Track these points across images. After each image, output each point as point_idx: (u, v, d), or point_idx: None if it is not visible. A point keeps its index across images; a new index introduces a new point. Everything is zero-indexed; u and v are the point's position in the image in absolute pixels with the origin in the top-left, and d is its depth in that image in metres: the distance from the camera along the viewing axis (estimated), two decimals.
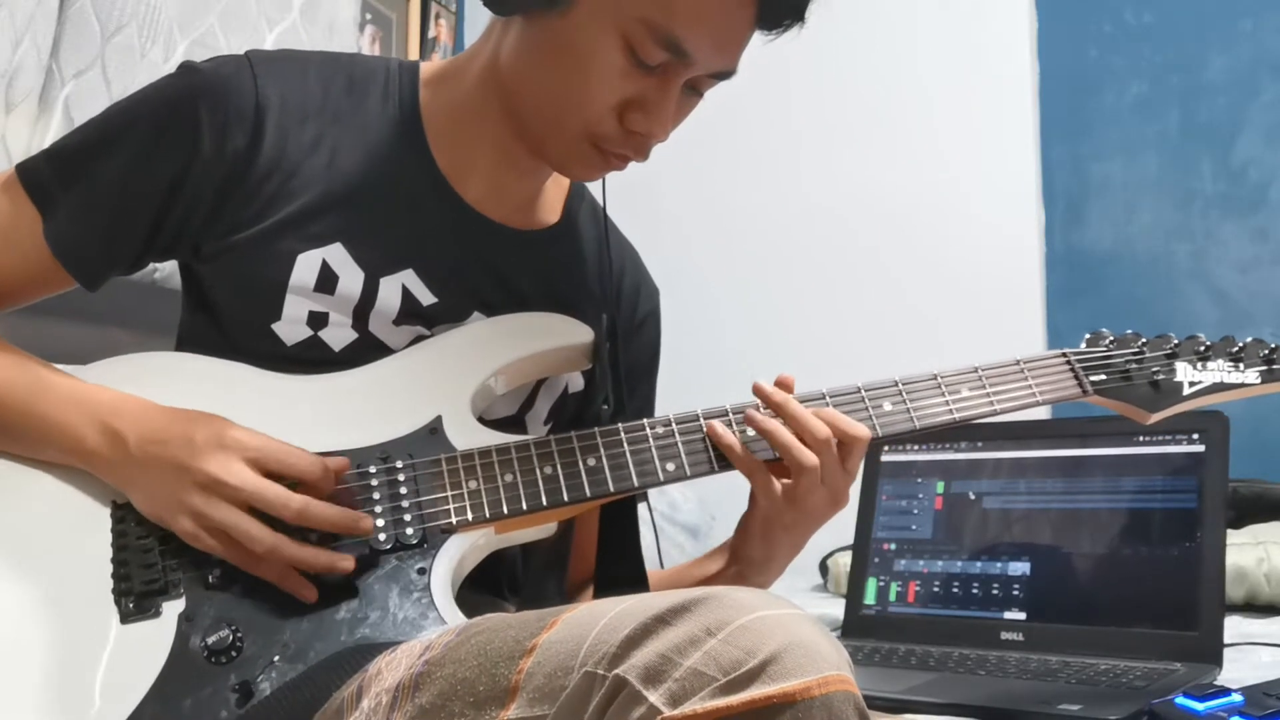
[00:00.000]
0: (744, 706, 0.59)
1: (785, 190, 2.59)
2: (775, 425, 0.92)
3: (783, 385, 0.95)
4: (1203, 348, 1.06)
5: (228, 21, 1.85)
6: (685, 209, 2.67)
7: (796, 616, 0.64)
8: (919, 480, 1.45)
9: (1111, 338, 1.06)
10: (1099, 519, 1.31)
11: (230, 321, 0.97)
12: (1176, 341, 1.06)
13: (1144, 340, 1.06)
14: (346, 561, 0.84)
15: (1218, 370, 1.05)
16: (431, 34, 2.68)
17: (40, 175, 0.96)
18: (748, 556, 1.02)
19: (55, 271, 0.96)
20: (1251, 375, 1.05)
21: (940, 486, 1.43)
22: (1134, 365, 1.04)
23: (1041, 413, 2.27)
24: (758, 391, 0.95)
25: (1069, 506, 1.34)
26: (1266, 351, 1.05)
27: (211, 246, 0.95)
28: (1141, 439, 1.32)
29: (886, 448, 1.48)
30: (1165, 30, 2.38)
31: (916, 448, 1.47)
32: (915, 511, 1.43)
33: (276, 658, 0.82)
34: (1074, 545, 1.32)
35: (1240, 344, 1.06)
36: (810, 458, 0.91)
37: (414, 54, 2.57)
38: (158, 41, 1.71)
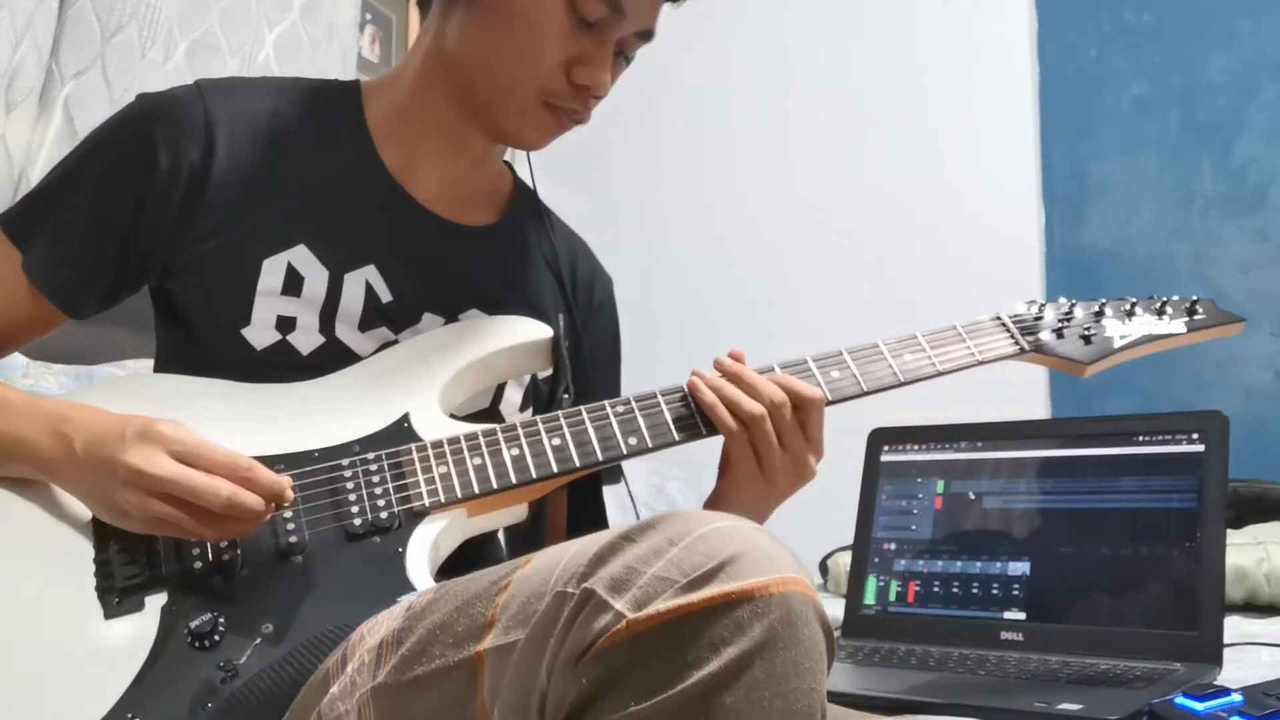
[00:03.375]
0: (704, 603, 0.61)
1: (785, 190, 2.59)
2: (721, 382, 0.99)
3: (734, 358, 1.01)
4: (1129, 305, 1.13)
5: (228, 21, 1.85)
6: (685, 209, 2.67)
7: (755, 528, 0.67)
8: (919, 480, 1.45)
9: (1042, 302, 1.15)
10: (1099, 519, 1.31)
11: (202, 332, 1.01)
12: (1104, 301, 1.14)
13: (1073, 302, 1.13)
14: (285, 489, 0.85)
15: (1144, 323, 1.12)
16: None
17: (17, 218, 1.01)
18: None
19: (39, 306, 1.00)
20: (1178, 325, 1.12)
21: (940, 486, 1.43)
22: (1064, 324, 1.11)
23: (1041, 412, 2.28)
24: (717, 364, 1.01)
25: (1069, 506, 1.34)
26: (1189, 304, 1.13)
27: (179, 260, 1.00)
28: (1141, 439, 1.32)
29: (886, 447, 1.48)
30: (1165, 30, 2.38)
31: (916, 447, 1.47)
32: (915, 511, 1.43)
33: (259, 640, 0.84)
34: (1074, 545, 1.31)
35: (1164, 299, 1.14)
36: (755, 406, 0.96)
37: None
38: (158, 41, 1.72)
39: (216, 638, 0.84)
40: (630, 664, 0.61)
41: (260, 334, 0.99)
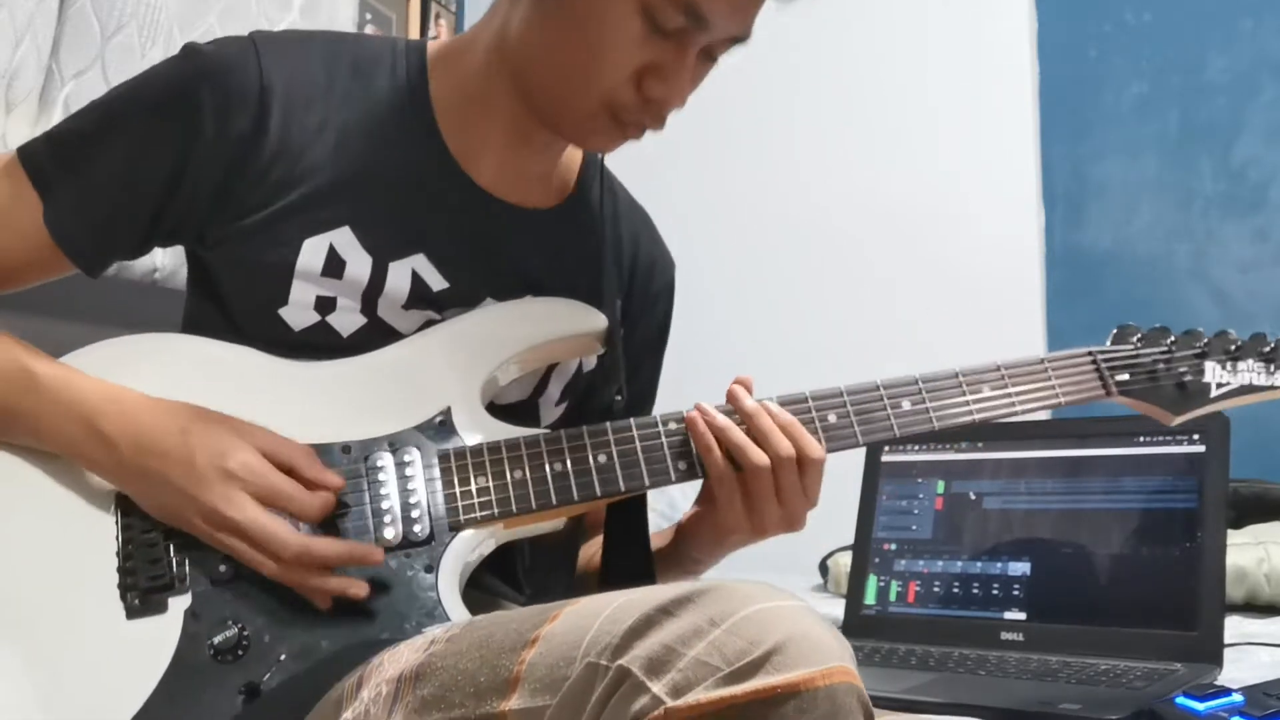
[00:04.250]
0: (748, 696, 0.59)
1: (785, 190, 2.59)
2: (728, 422, 0.91)
3: (744, 385, 0.94)
4: (1233, 347, 1.02)
5: (228, 21, 1.85)
6: (685, 208, 2.66)
7: (800, 608, 0.64)
8: (919, 480, 1.44)
9: (1140, 334, 1.02)
10: (1099, 519, 1.31)
11: (237, 307, 0.96)
12: (1206, 340, 1.02)
13: (1173, 338, 1.02)
14: (358, 589, 0.84)
15: (1247, 371, 1.02)
16: (431, 34, 2.68)
17: (40, 159, 0.94)
18: (687, 555, 1.03)
19: (56, 257, 0.95)
20: None
21: (940, 486, 1.43)
22: (1162, 365, 1.00)
23: (1042, 412, 2.27)
24: (730, 396, 0.93)
25: (1069, 506, 1.34)
26: None
27: (217, 233, 0.94)
28: (1142, 439, 1.32)
29: (887, 447, 1.48)
30: (1165, 30, 2.38)
31: (917, 448, 1.47)
32: (915, 511, 1.43)
33: (283, 656, 0.82)
34: (1074, 545, 1.31)
35: (1271, 343, 1.03)
36: (761, 456, 0.90)
37: None
38: (158, 41, 1.71)
39: (240, 652, 0.82)
40: None
41: (298, 314, 0.93)
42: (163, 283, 1.55)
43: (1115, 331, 1.04)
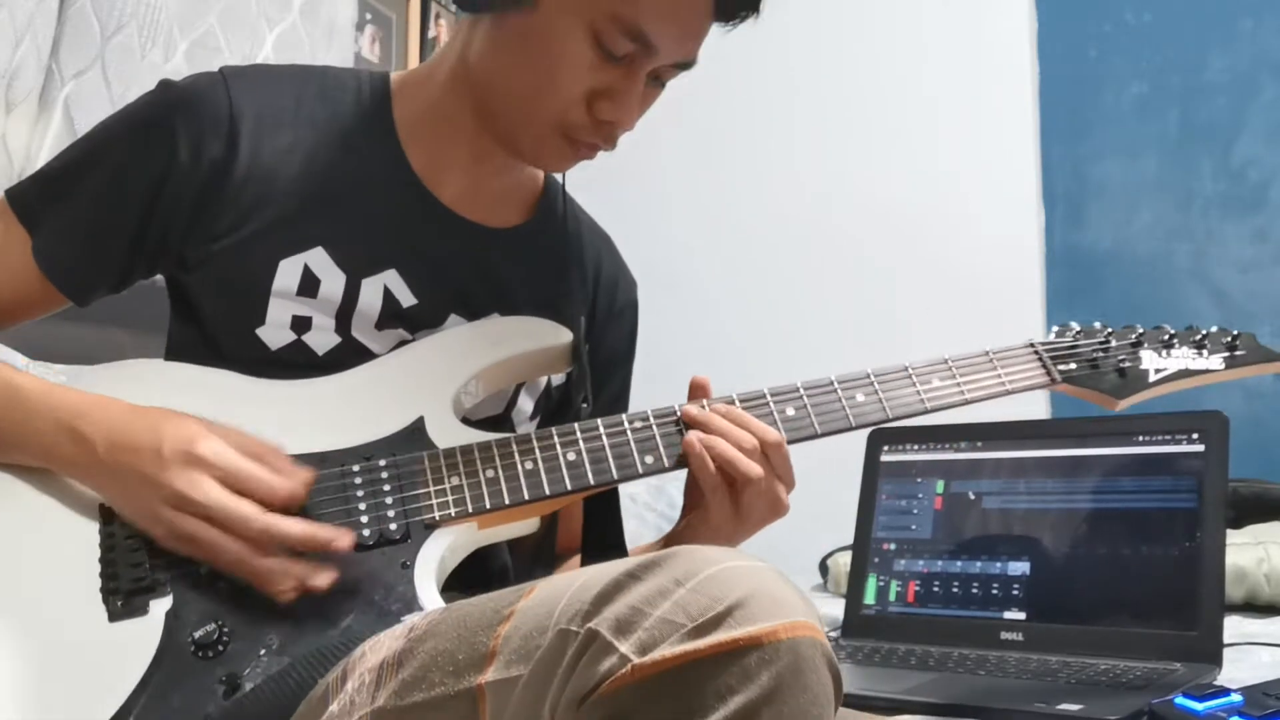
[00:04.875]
0: (711, 649, 0.60)
1: (785, 190, 2.59)
2: (715, 440, 0.94)
3: (699, 387, 0.98)
4: (1167, 336, 1.09)
5: (228, 21, 1.85)
6: (685, 208, 2.67)
7: (764, 568, 0.65)
8: (919, 480, 1.44)
9: (1078, 328, 1.10)
10: (1099, 519, 1.31)
11: (216, 328, 0.99)
12: (1141, 330, 1.09)
13: (1110, 330, 1.09)
14: (321, 578, 0.84)
15: (1182, 357, 1.08)
16: (431, 34, 2.68)
17: (27, 197, 0.99)
18: None
19: (46, 290, 0.98)
20: (1215, 361, 1.09)
21: (940, 486, 1.43)
22: (1100, 354, 1.07)
23: (1041, 412, 2.28)
24: (685, 415, 0.96)
25: (1069, 506, 1.34)
26: (1229, 339, 1.09)
27: (194, 256, 0.97)
28: (1141, 439, 1.32)
29: (886, 447, 1.48)
30: (1165, 30, 2.38)
31: (916, 447, 1.47)
32: (915, 511, 1.43)
33: (263, 652, 0.83)
34: (1074, 545, 1.31)
35: (1204, 331, 1.10)
36: (755, 469, 0.93)
37: (414, 54, 2.57)
38: (158, 41, 1.72)
39: (220, 648, 0.83)
40: (635, 710, 0.60)
41: (275, 334, 0.97)
42: (162, 283, 1.55)
43: (1055, 329, 1.11)
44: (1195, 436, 1.28)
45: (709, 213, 2.65)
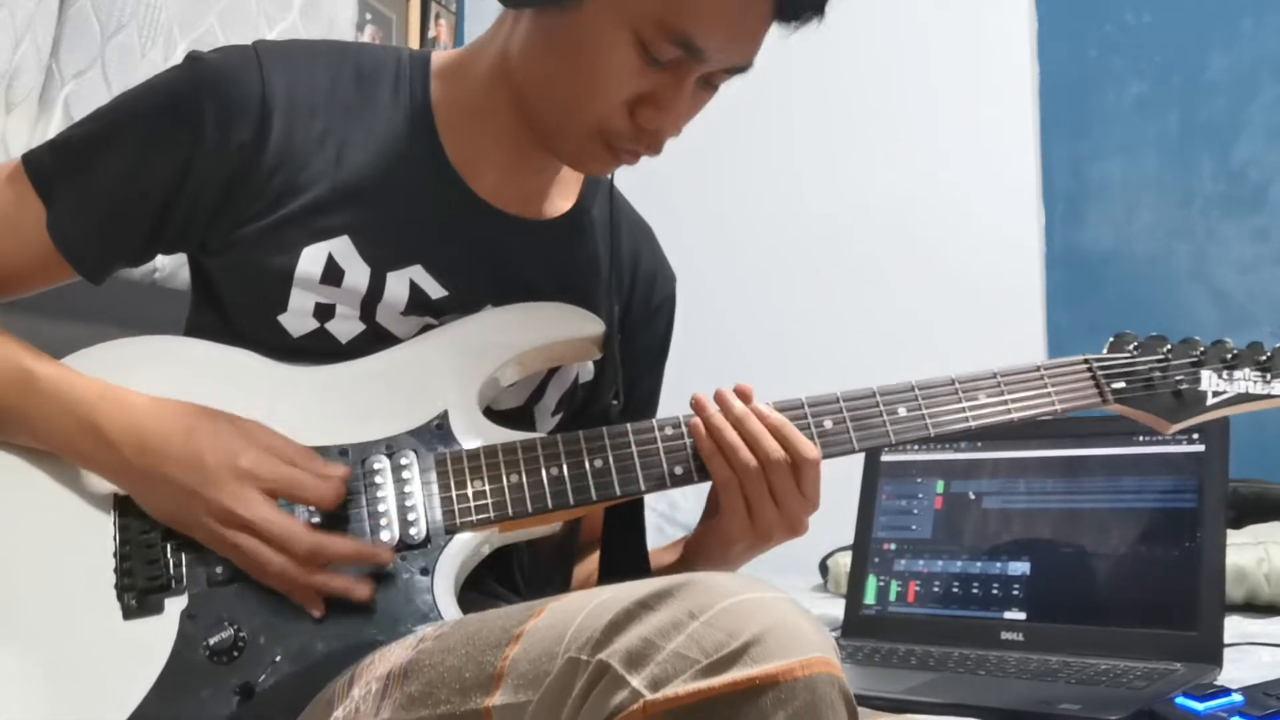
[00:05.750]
0: (725, 688, 0.59)
1: (785, 190, 2.59)
2: (722, 423, 0.91)
3: (742, 394, 0.93)
4: (1229, 355, 1.02)
5: (228, 21, 1.85)
6: (685, 208, 2.66)
7: (780, 600, 0.64)
8: (919, 480, 1.45)
9: (1137, 342, 1.03)
10: (1099, 519, 1.31)
11: (237, 314, 0.96)
12: (1203, 348, 1.02)
13: (1169, 346, 1.03)
14: (361, 590, 0.84)
15: (1244, 380, 1.02)
16: (431, 34, 2.68)
17: (44, 166, 0.95)
18: (692, 569, 1.03)
19: (58, 263, 0.95)
20: (1279, 387, 1.02)
21: (940, 486, 1.43)
22: (1158, 373, 1.01)
23: None
24: (719, 398, 0.93)
25: (1069, 506, 1.34)
26: None
27: (218, 240, 0.94)
28: (1141, 439, 1.32)
29: (887, 447, 1.48)
30: (1165, 30, 2.38)
31: (916, 447, 1.47)
32: (915, 511, 1.43)
33: (278, 657, 0.82)
34: (1074, 545, 1.32)
35: (1268, 353, 1.03)
36: (750, 458, 0.90)
37: None
38: (158, 41, 1.71)
39: (235, 654, 0.82)
40: None
41: (297, 321, 0.94)
42: (163, 283, 1.55)
43: (1112, 340, 1.04)
44: (1195, 436, 1.28)
45: (708, 213, 2.65)
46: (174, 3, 1.75)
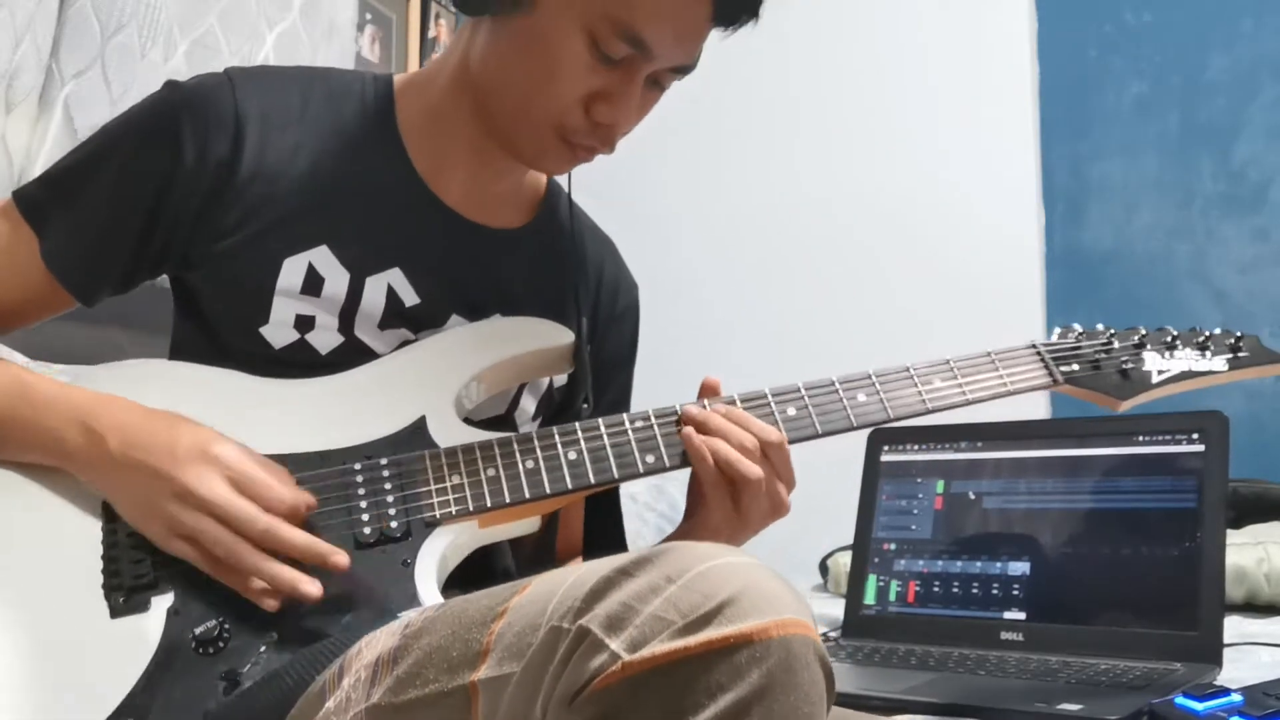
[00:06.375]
0: (701, 647, 0.60)
1: (785, 190, 2.59)
2: (716, 441, 0.94)
3: (709, 389, 0.98)
4: (1170, 338, 1.10)
5: (228, 21, 1.85)
6: (685, 208, 2.67)
7: (755, 564, 0.65)
8: (919, 480, 1.45)
9: (1080, 330, 1.10)
10: (1099, 519, 1.31)
11: (220, 327, 0.99)
12: (1144, 331, 1.10)
13: (1112, 331, 1.10)
14: (310, 586, 0.84)
15: (1185, 359, 1.09)
16: (431, 34, 2.68)
17: (35, 199, 0.99)
18: None
19: (54, 290, 0.99)
20: (1218, 363, 1.09)
21: (940, 486, 1.43)
22: (1103, 355, 1.08)
23: (1042, 412, 2.28)
24: (685, 415, 0.96)
25: (1069, 506, 1.34)
26: (1232, 340, 1.10)
27: (199, 255, 0.98)
28: (1141, 439, 1.32)
29: (886, 447, 1.48)
30: (1165, 30, 2.38)
31: (916, 447, 1.47)
32: (915, 511, 1.43)
33: (263, 649, 0.83)
34: (1074, 545, 1.32)
35: (1207, 333, 1.10)
36: (754, 470, 0.93)
37: (414, 54, 2.57)
38: (158, 41, 1.72)
39: (221, 644, 0.83)
40: (626, 707, 0.60)
41: (278, 333, 0.98)
42: (162, 284, 1.55)
43: (1057, 330, 1.11)
44: (1195, 436, 1.28)
45: (709, 213, 2.65)
46: (174, 3, 1.75)
